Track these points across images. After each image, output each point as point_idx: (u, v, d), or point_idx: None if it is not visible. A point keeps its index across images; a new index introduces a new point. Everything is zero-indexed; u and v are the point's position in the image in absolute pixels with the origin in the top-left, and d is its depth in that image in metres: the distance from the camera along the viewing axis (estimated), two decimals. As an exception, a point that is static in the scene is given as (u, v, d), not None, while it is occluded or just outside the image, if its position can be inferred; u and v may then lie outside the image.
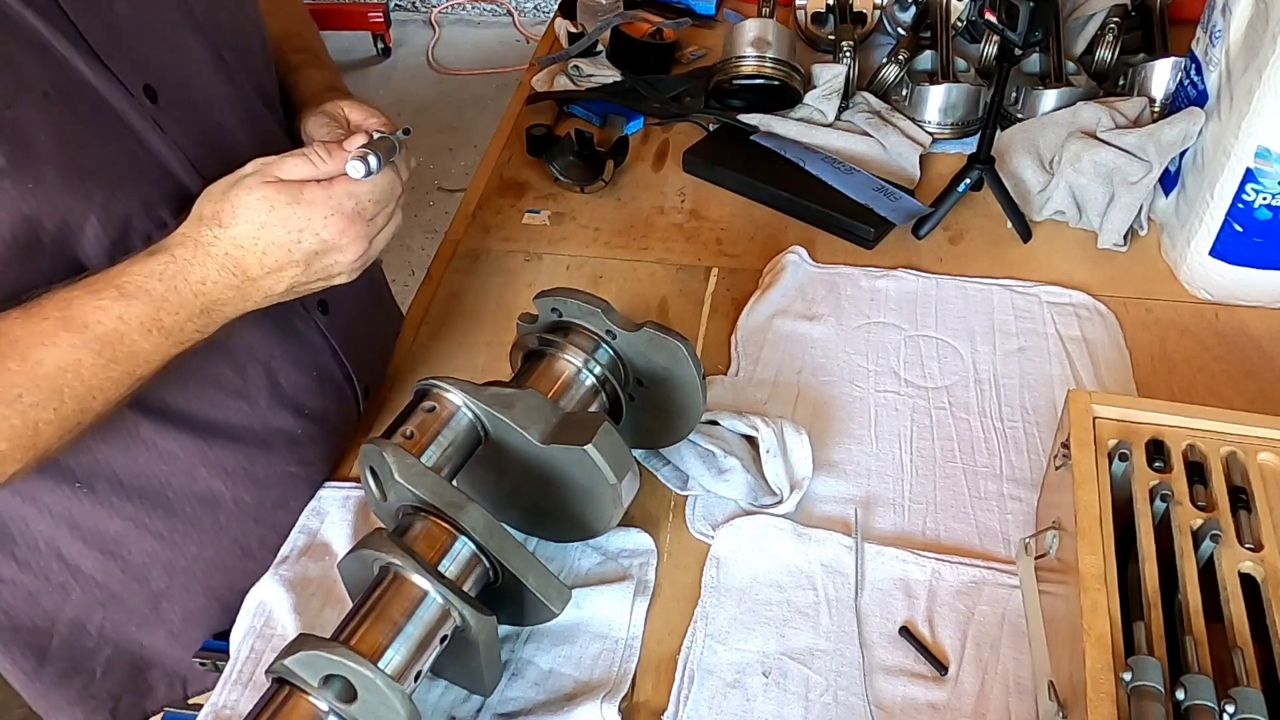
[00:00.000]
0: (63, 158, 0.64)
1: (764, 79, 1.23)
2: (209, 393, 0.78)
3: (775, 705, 0.70)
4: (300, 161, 0.67)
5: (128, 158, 0.68)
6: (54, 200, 0.64)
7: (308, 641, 0.60)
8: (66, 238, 0.66)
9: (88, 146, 0.66)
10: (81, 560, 0.80)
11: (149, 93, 0.69)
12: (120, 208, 0.68)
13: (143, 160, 0.69)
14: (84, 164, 0.65)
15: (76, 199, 0.65)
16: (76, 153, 0.65)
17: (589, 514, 0.75)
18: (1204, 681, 0.56)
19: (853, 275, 1.05)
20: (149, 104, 0.69)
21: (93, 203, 0.66)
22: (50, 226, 0.65)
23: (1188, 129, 1.02)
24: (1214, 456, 0.70)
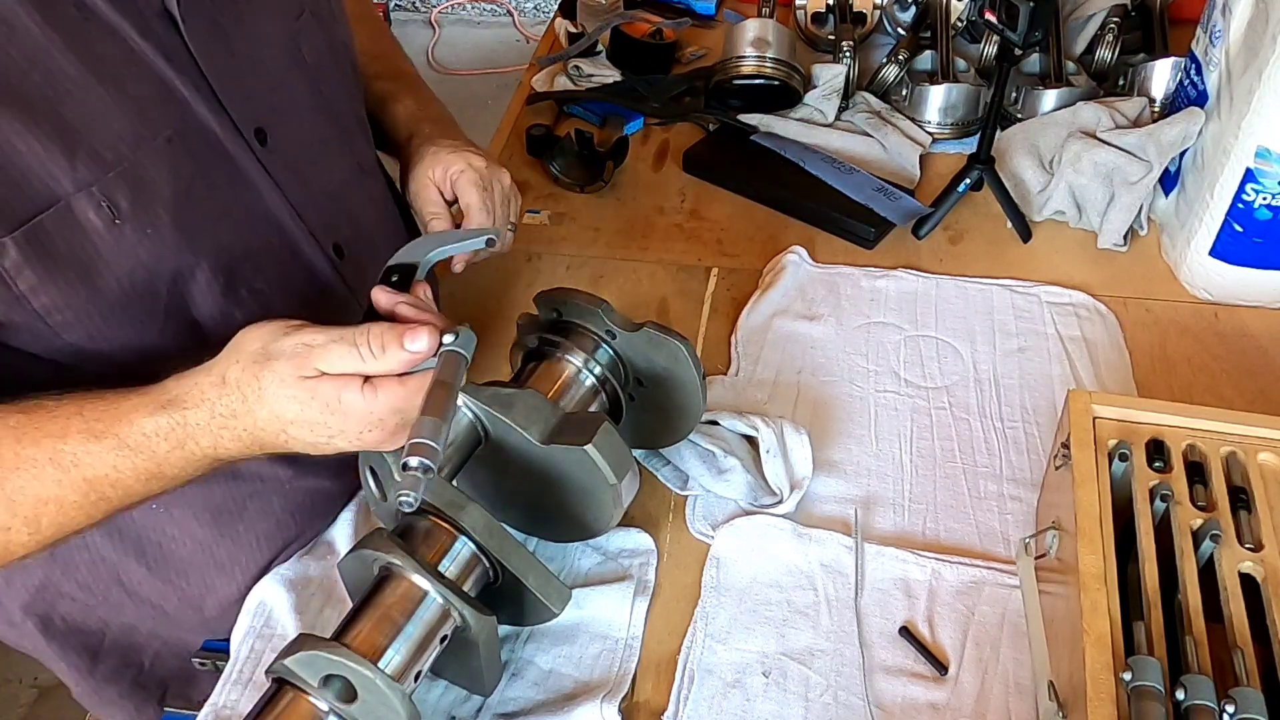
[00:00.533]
0: (177, 203, 0.63)
1: (764, 79, 1.23)
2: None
3: (775, 705, 0.70)
4: (346, 352, 0.59)
5: (237, 204, 0.68)
6: (168, 247, 0.63)
7: (308, 641, 0.60)
8: (180, 287, 0.65)
9: (201, 193, 0.65)
10: (141, 586, 0.81)
11: (260, 135, 0.69)
12: (226, 257, 0.67)
13: (252, 207, 0.69)
14: (196, 210, 0.65)
15: (187, 247, 0.64)
16: (191, 199, 0.64)
17: (589, 514, 0.75)
18: (1204, 681, 0.56)
19: (853, 275, 1.05)
20: (259, 147, 0.69)
21: (202, 251, 0.66)
22: (166, 274, 0.64)
23: (1188, 129, 1.02)
24: (1214, 456, 0.70)
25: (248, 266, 0.69)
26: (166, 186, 0.63)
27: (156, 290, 0.64)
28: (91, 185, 0.59)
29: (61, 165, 0.58)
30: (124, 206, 0.61)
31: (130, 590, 0.81)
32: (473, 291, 1.07)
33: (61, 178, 0.58)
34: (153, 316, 0.65)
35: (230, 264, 0.68)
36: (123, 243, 0.62)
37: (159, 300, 0.65)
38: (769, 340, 0.98)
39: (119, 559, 0.79)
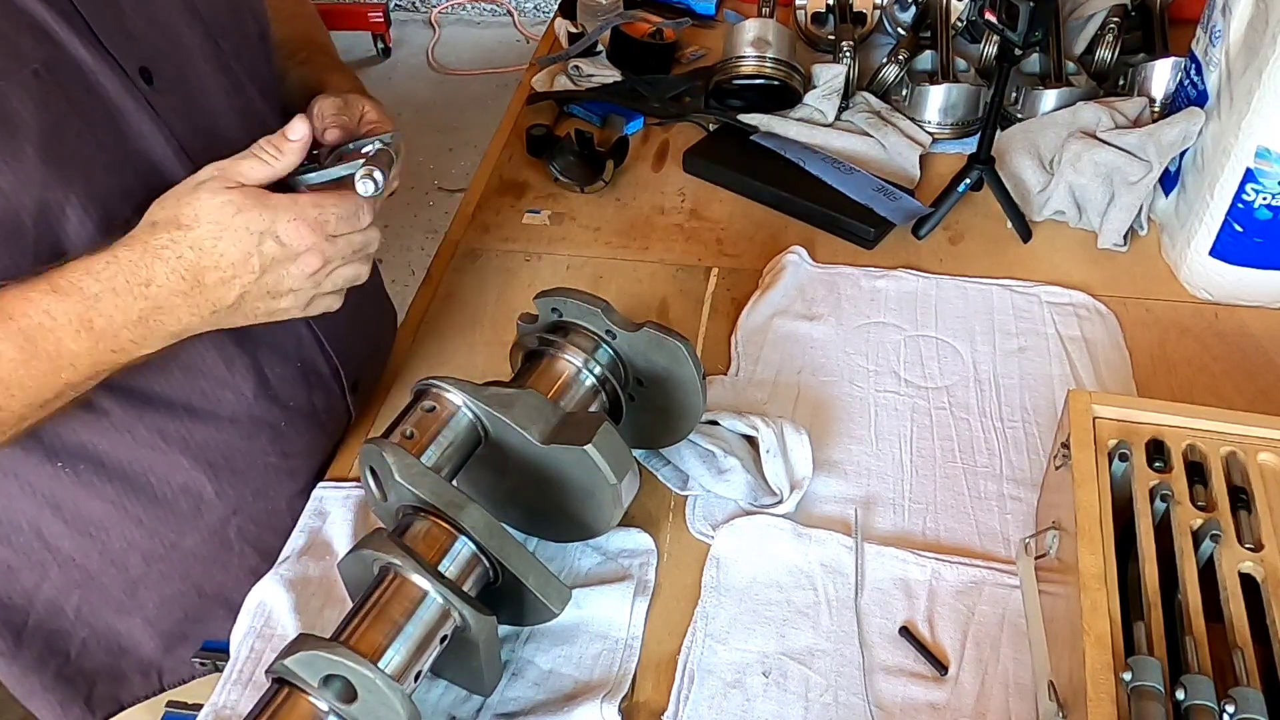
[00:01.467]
0: (45, 137, 0.63)
1: (764, 79, 1.23)
2: (195, 381, 0.78)
3: (775, 705, 0.70)
4: (255, 163, 0.66)
5: (113, 141, 0.68)
6: (32, 179, 0.63)
7: (308, 641, 0.60)
8: (48, 220, 0.65)
9: (72, 127, 0.65)
10: (61, 541, 0.80)
11: (145, 75, 0.69)
12: (100, 190, 0.67)
13: (129, 144, 0.69)
14: (66, 145, 0.65)
15: (55, 180, 0.64)
16: (60, 133, 0.64)
17: (589, 514, 0.75)
18: (1204, 681, 0.56)
19: (853, 275, 1.05)
20: (144, 85, 0.69)
21: (72, 185, 0.65)
22: (30, 205, 0.64)
23: (1188, 129, 1.02)
24: (1214, 456, 0.70)
25: (126, 204, 0.68)
26: (31, 119, 0.62)
27: (21, 221, 0.64)
28: None
29: None
30: None
31: (51, 546, 0.81)
32: (473, 291, 1.07)
33: None
34: (20, 248, 0.65)
35: (105, 200, 0.67)
36: None
37: (25, 232, 0.65)
38: (769, 340, 0.98)
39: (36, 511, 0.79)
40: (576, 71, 1.36)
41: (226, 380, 0.80)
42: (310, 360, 0.86)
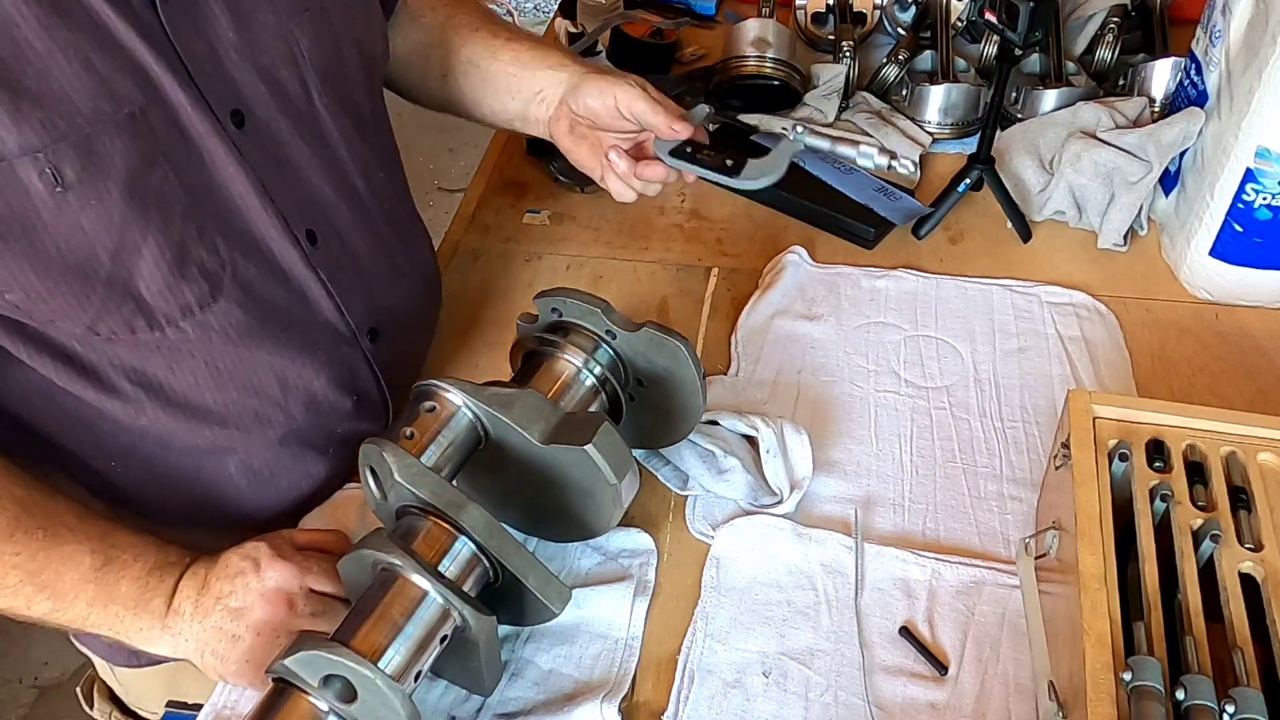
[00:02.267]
0: (132, 178, 0.64)
1: (764, 79, 1.23)
2: (251, 402, 0.78)
3: (775, 705, 0.70)
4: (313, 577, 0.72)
5: (197, 183, 0.69)
6: (113, 218, 0.64)
7: (308, 641, 0.60)
8: (123, 258, 0.66)
9: (159, 169, 0.66)
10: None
11: (236, 117, 0.70)
12: (176, 232, 0.67)
13: (212, 187, 0.70)
14: (151, 186, 0.65)
15: (135, 219, 0.65)
16: (147, 174, 0.65)
17: (589, 514, 0.75)
18: (1204, 681, 0.56)
19: (853, 275, 1.05)
20: (234, 129, 0.70)
21: (150, 225, 0.66)
22: (108, 243, 0.65)
23: (1188, 129, 1.02)
24: (1214, 456, 0.70)
25: (201, 244, 0.69)
26: (120, 160, 0.63)
27: (97, 259, 0.65)
28: (38, 151, 0.60)
29: (9, 130, 0.59)
30: (69, 175, 0.62)
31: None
32: (473, 292, 1.07)
33: (8, 140, 0.59)
34: (91, 285, 0.66)
35: (181, 242, 0.68)
36: (65, 210, 0.62)
37: (99, 269, 0.65)
38: (769, 340, 0.98)
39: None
40: (576, 71, 1.36)
41: (280, 403, 0.80)
42: (367, 393, 0.86)
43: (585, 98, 0.86)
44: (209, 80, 0.67)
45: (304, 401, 0.81)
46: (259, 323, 0.74)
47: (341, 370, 0.83)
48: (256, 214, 0.72)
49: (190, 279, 0.69)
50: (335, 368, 0.82)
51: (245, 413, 0.78)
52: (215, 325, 0.72)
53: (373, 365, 0.85)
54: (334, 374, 0.82)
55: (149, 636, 0.70)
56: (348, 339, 0.82)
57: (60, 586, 0.68)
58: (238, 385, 0.76)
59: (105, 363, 0.72)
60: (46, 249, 0.63)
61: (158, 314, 0.69)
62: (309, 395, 0.81)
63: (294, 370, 0.79)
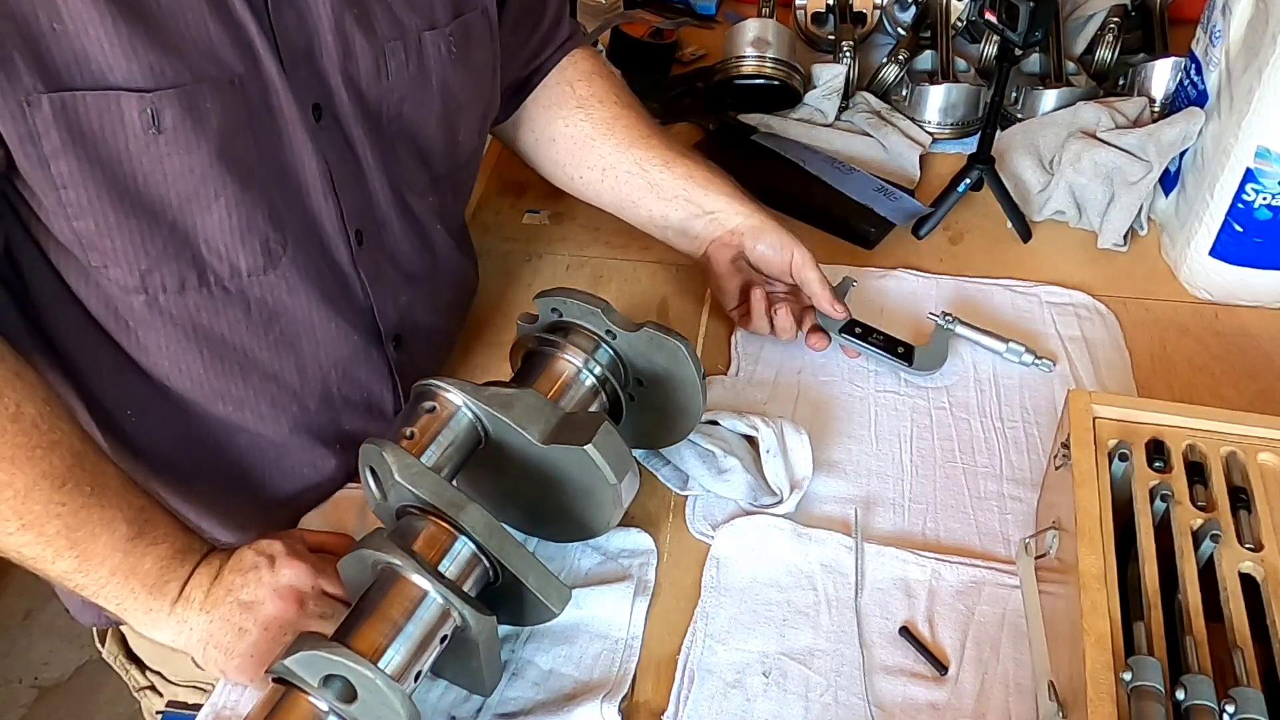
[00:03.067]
0: (221, 140, 0.67)
1: (764, 79, 1.23)
2: (266, 384, 0.80)
3: (775, 705, 0.70)
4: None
5: (275, 160, 0.72)
6: (195, 173, 0.67)
7: (308, 641, 0.60)
8: (193, 208, 0.69)
9: (246, 138, 0.69)
10: None
11: (315, 111, 0.73)
12: (248, 201, 0.71)
13: (287, 168, 0.73)
14: (235, 150, 0.69)
15: (215, 178, 0.68)
16: (234, 139, 0.68)
17: (589, 514, 0.75)
18: (1204, 681, 0.56)
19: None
20: (311, 120, 0.73)
21: (227, 186, 0.69)
22: (183, 191, 0.68)
23: (1188, 129, 1.02)
24: (1214, 456, 0.70)
25: (264, 221, 0.72)
26: (215, 120, 0.67)
27: (168, 202, 0.68)
28: (145, 91, 0.63)
29: (121, 63, 0.62)
30: (166, 123, 0.65)
31: None
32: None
33: (117, 71, 0.63)
34: (157, 226, 0.69)
35: (250, 212, 0.71)
36: (152, 150, 0.65)
37: (167, 212, 0.68)
38: (768, 340, 0.97)
39: None
40: (576, 71, 1.36)
41: (296, 391, 0.82)
42: (378, 398, 0.88)
43: (764, 244, 0.93)
44: (299, 70, 0.71)
45: (319, 395, 0.83)
46: (299, 304, 0.77)
47: (362, 371, 0.85)
48: (320, 203, 0.76)
49: (251, 248, 0.73)
50: (356, 367, 0.84)
51: (263, 397, 0.80)
52: (258, 294, 0.75)
53: (393, 370, 0.87)
54: (354, 373, 0.84)
55: (155, 619, 0.69)
56: (374, 341, 0.84)
57: (91, 548, 0.67)
58: (260, 364, 0.79)
59: (144, 319, 0.74)
60: (125, 181, 0.66)
61: (209, 270, 0.72)
62: (325, 389, 0.83)
63: (316, 361, 0.81)
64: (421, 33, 0.78)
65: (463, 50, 0.82)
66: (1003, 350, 0.94)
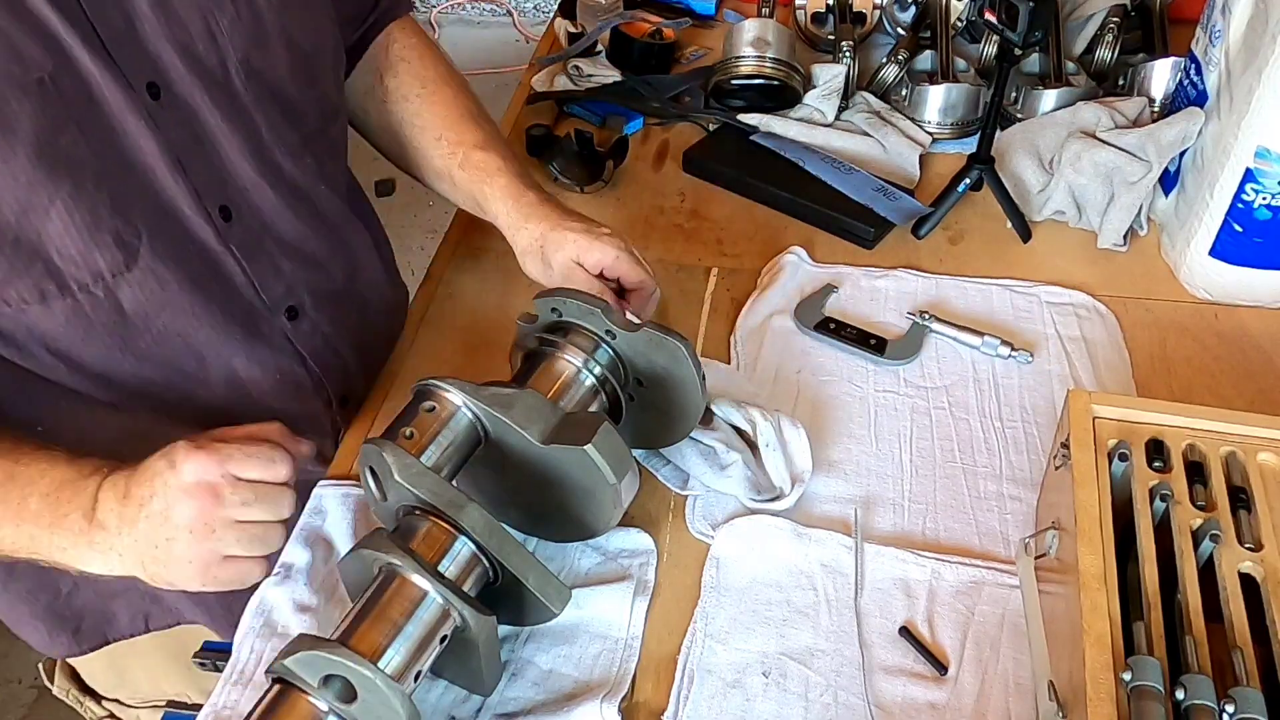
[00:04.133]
0: (39, 141, 0.65)
1: (764, 79, 1.23)
2: (169, 376, 0.78)
3: (775, 705, 0.70)
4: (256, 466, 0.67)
5: (108, 151, 0.69)
6: (19, 179, 0.65)
7: (307, 641, 0.60)
8: (31, 219, 0.66)
9: (68, 134, 0.66)
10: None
11: (151, 90, 0.70)
12: (87, 197, 0.68)
13: (124, 156, 0.70)
14: (59, 150, 0.66)
15: (43, 181, 0.66)
16: (55, 138, 0.66)
17: (589, 514, 0.75)
18: (1204, 681, 0.56)
19: (853, 275, 1.05)
20: (149, 100, 0.70)
21: (60, 188, 0.66)
22: (13, 203, 0.65)
23: (1187, 129, 1.02)
24: (1214, 456, 0.70)
25: (115, 214, 0.69)
26: (28, 123, 0.64)
27: (3, 218, 0.65)
28: None
29: None
30: None
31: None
32: (473, 292, 1.07)
33: None
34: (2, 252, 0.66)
35: (92, 207, 0.68)
36: None
37: (6, 230, 0.66)
38: (768, 339, 0.98)
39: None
40: (576, 71, 1.36)
41: (199, 377, 0.80)
42: (290, 372, 0.86)
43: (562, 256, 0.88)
44: (124, 51, 0.68)
45: (225, 378, 0.81)
46: (173, 295, 0.75)
47: (261, 348, 0.83)
48: (169, 186, 0.73)
49: (104, 245, 0.70)
50: (253, 345, 0.82)
51: (165, 387, 0.78)
52: (128, 293, 0.73)
53: (294, 342, 0.85)
54: (253, 352, 0.82)
55: (76, 555, 0.67)
56: (264, 316, 0.83)
57: None
58: (154, 359, 0.77)
59: (21, 331, 0.72)
60: None
61: (68, 277, 0.70)
62: (229, 372, 0.81)
63: (210, 345, 0.79)
64: None
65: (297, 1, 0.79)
66: (979, 344, 0.94)
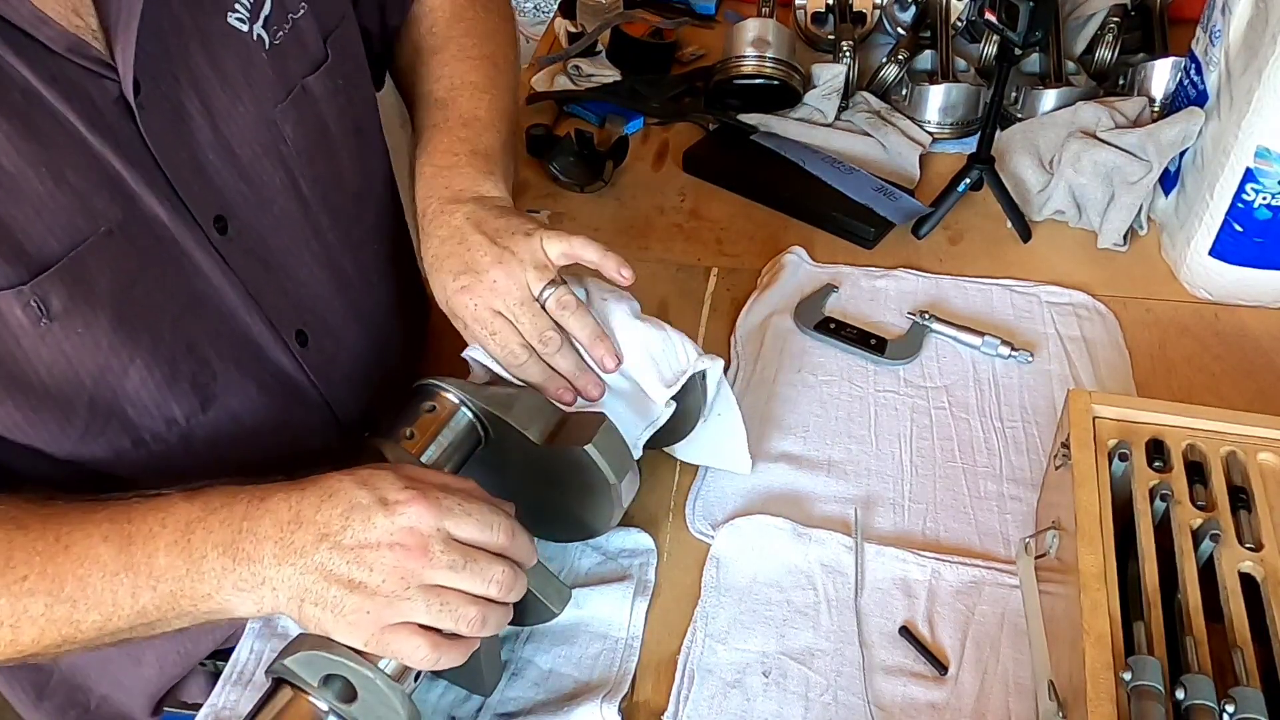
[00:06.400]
0: (117, 299, 0.61)
1: (764, 79, 1.23)
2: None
3: (775, 705, 0.70)
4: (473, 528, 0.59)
5: (183, 294, 0.66)
6: (100, 345, 0.61)
7: (307, 641, 0.60)
8: (108, 380, 0.63)
9: (143, 285, 0.63)
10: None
11: (219, 224, 0.67)
12: (165, 348, 0.65)
13: (198, 296, 0.67)
14: (136, 304, 0.62)
15: (123, 344, 0.62)
16: (131, 292, 0.62)
17: (589, 514, 0.75)
18: (1204, 681, 0.56)
19: (853, 275, 1.05)
20: (217, 236, 0.67)
21: (139, 347, 0.63)
22: (92, 368, 0.62)
23: (1187, 129, 1.02)
24: (1214, 456, 0.70)
25: (191, 358, 0.66)
26: (105, 282, 0.60)
27: (80, 384, 0.61)
28: (22, 285, 0.56)
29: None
30: (55, 306, 0.58)
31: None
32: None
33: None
34: (73, 414, 0.62)
35: (172, 357, 0.65)
36: (49, 339, 0.59)
37: (83, 394, 0.62)
38: (768, 339, 0.97)
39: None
40: (576, 71, 1.36)
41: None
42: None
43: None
44: (190, 188, 0.64)
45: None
46: (247, 434, 0.72)
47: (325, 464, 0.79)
48: (244, 321, 0.69)
49: (180, 393, 0.66)
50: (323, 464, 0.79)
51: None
52: (202, 436, 0.69)
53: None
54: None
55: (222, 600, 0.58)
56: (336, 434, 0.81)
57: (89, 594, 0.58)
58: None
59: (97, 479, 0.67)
60: (27, 378, 0.59)
61: (143, 431, 0.66)
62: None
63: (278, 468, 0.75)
64: (304, 80, 0.71)
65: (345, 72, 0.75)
66: (979, 344, 0.94)
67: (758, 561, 0.78)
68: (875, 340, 0.95)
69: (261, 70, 0.68)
